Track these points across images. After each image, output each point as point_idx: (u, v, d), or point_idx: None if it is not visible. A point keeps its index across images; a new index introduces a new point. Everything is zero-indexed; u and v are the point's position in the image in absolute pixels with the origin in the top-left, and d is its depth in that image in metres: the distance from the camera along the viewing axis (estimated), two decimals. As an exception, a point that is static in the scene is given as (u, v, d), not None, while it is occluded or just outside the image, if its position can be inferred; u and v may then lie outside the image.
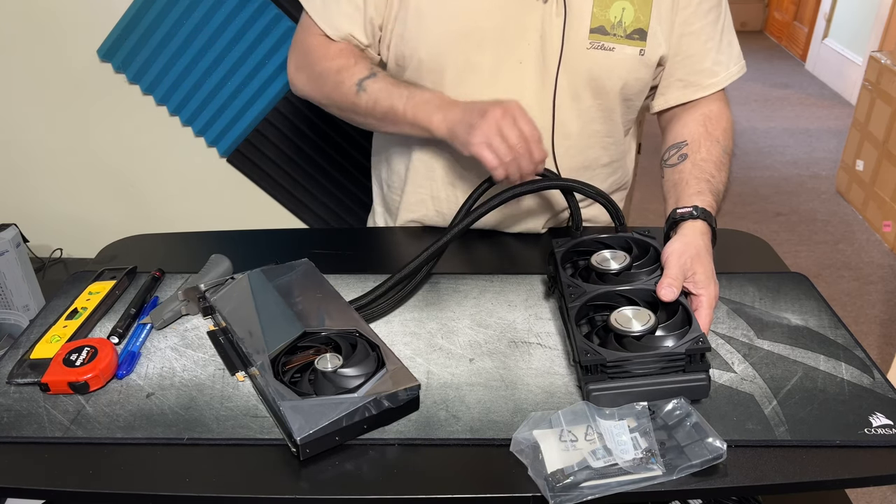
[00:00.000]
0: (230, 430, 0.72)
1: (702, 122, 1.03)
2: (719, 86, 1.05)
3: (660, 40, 1.00)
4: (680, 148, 1.02)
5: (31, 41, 1.58)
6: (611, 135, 1.08)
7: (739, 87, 4.53)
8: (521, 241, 1.13)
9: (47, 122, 1.68)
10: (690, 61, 1.03)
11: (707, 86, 1.05)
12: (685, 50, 1.02)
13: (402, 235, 1.15)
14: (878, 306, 2.46)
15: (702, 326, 0.78)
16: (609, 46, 0.97)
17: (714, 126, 1.03)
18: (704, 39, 1.02)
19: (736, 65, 1.06)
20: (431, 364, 0.82)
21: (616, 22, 0.97)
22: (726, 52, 1.05)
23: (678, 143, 1.03)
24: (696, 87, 1.05)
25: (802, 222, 2.99)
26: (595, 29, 0.97)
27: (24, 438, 0.71)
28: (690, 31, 1.01)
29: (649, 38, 0.99)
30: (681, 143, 1.02)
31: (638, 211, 2.66)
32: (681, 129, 1.05)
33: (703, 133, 1.02)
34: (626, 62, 0.99)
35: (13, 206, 1.78)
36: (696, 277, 0.83)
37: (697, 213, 0.90)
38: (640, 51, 0.99)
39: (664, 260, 0.84)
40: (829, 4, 4.50)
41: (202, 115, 1.66)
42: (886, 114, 2.84)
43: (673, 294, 0.79)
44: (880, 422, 0.72)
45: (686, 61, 1.03)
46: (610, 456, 0.66)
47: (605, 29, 0.97)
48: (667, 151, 1.05)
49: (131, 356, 0.82)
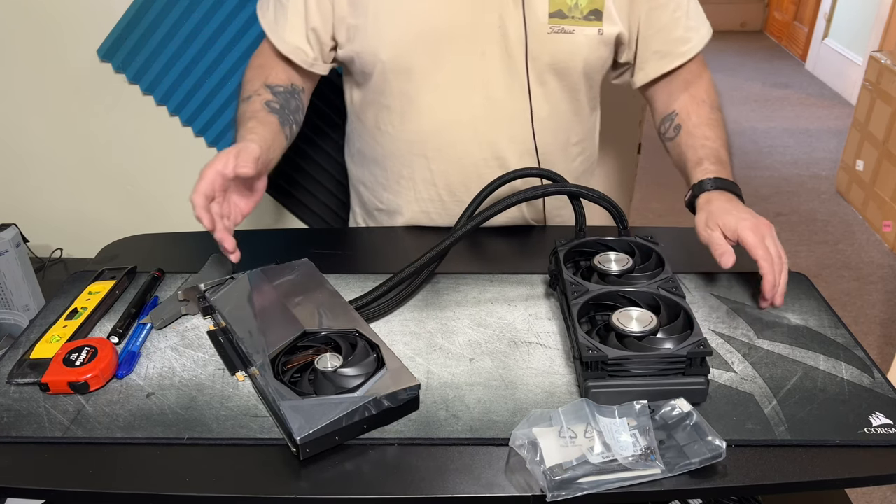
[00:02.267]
0: (230, 430, 0.72)
1: (684, 88, 1.08)
2: (695, 50, 1.08)
3: (615, 19, 1.03)
4: (672, 120, 1.06)
5: (31, 41, 1.58)
6: (577, 113, 1.12)
7: (739, 87, 4.54)
8: (521, 241, 1.13)
9: (47, 122, 1.68)
10: (663, 33, 1.06)
11: (683, 52, 1.07)
12: (655, 23, 1.05)
13: (403, 236, 1.15)
14: (878, 306, 2.46)
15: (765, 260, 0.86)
16: (569, 29, 1.01)
17: (696, 88, 1.08)
18: (673, 9, 1.05)
19: (704, 26, 1.09)
20: (431, 364, 0.82)
21: (573, 4, 1.00)
22: (695, 16, 1.08)
23: (669, 114, 1.08)
24: (673, 56, 1.07)
25: (802, 222, 2.99)
26: (554, 13, 1.00)
27: (24, 438, 0.71)
28: (658, 4, 1.04)
29: (605, 17, 1.02)
30: (672, 115, 1.07)
31: (638, 211, 2.67)
32: (667, 100, 1.09)
33: (689, 98, 1.07)
34: (587, 43, 1.02)
35: (13, 206, 1.78)
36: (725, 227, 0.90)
37: (696, 190, 0.96)
38: (598, 30, 1.02)
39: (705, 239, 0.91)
40: (829, 4, 4.50)
41: (202, 115, 1.66)
42: (886, 114, 2.84)
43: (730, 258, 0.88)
44: (880, 421, 0.72)
45: (659, 34, 1.06)
46: (609, 452, 0.66)
47: (563, 12, 1.00)
48: (661, 125, 1.09)
49: (131, 356, 0.82)
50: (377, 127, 1.11)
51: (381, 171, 1.15)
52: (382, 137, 1.11)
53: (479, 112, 1.06)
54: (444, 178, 1.11)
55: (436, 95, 1.05)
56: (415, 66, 1.02)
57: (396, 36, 1.01)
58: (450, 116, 1.06)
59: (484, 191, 0.96)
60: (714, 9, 5.45)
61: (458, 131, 1.07)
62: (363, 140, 1.16)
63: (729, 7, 5.69)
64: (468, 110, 1.06)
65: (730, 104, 4.28)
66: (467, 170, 1.10)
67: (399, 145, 1.10)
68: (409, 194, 1.14)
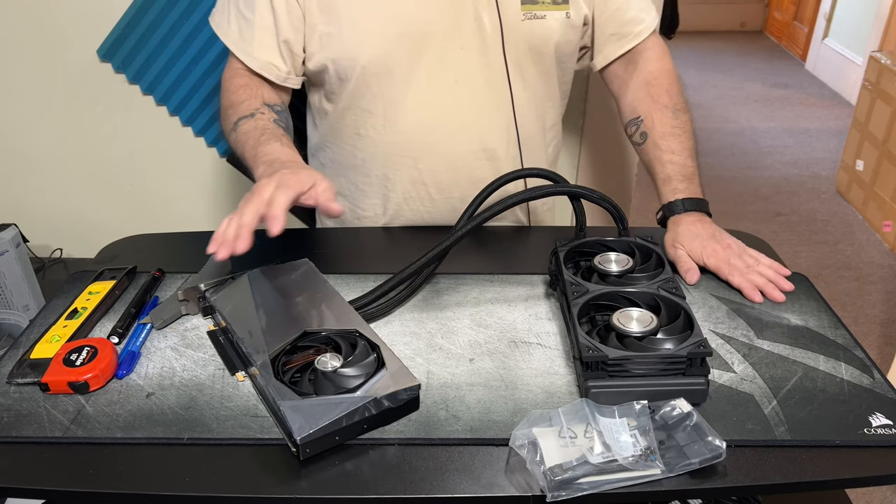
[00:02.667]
0: (230, 430, 0.72)
1: (646, 91, 1.11)
2: (649, 29, 1.12)
3: (580, 3, 1.07)
4: (638, 126, 1.10)
5: (31, 41, 1.58)
6: (551, 98, 1.15)
7: (739, 87, 4.54)
8: (521, 241, 1.13)
9: (47, 122, 1.68)
10: (617, 14, 1.10)
11: (638, 33, 1.12)
12: (610, 6, 1.10)
13: (403, 236, 1.15)
14: (878, 306, 2.46)
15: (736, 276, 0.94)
16: (541, 14, 1.04)
17: (657, 91, 1.10)
18: None
19: (653, 10, 1.14)
20: (431, 364, 0.82)
21: None
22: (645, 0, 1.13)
23: (634, 118, 1.11)
24: (628, 37, 1.12)
25: (802, 222, 2.99)
26: (525, 0, 1.03)
27: (24, 438, 0.71)
28: None
29: (571, 1, 1.06)
30: (637, 120, 1.10)
31: (638, 211, 2.66)
32: (630, 102, 1.12)
33: (651, 103, 1.09)
34: (557, 27, 1.06)
35: (13, 206, 1.78)
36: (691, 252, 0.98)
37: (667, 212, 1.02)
38: (566, 14, 1.06)
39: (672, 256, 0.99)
40: (829, 4, 4.50)
41: (202, 115, 1.66)
42: (886, 114, 2.84)
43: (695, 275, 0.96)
44: (880, 422, 0.72)
45: (613, 16, 1.10)
46: (609, 452, 0.66)
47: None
48: (628, 127, 1.13)
49: (131, 356, 0.82)
50: (357, 133, 1.10)
51: (363, 178, 1.14)
52: (363, 142, 1.11)
53: (464, 106, 1.07)
54: (432, 175, 1.11)
55: (419, 94, 1.05)
56: (395, 66, 1.03)
57: (375, 38, 1.01)
58: (435, 113, 1.07)
59: (484, 191, 0.96)
60: (714, 9, 5.44)
61: (444, 127, 1.08)
62: (338, 148, 1.15)
63: (729, 7, 5.70)
64: (453, 105, 1.06)
65: (730, 104, 4.29)
66: (456, 164, 1.10)
67: (383, 148, 1.10)
68: (395, 196, 1.14)
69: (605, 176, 1.74)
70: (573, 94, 1.62)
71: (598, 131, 1.67)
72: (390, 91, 1.05)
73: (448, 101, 1.06)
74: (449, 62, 1.04)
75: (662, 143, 1.06)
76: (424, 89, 1.05)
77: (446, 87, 1.05)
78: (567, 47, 1.10)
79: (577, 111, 1.65)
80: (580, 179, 1.75)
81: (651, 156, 1.08)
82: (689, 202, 1.01)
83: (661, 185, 1.05)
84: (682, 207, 1.01)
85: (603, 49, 1.13)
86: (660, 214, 1.05)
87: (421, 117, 1.07)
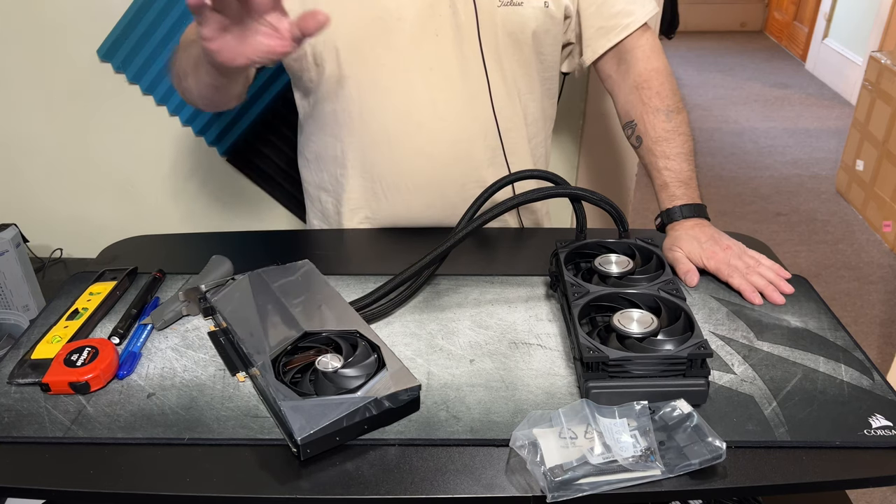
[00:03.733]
0: (231, 431, 0.72)
1: (637, 94, 1.09)
2: (638, 22, 1.09)
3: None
4: (633, 129, 1.09)
5: (31, 41, 1.58)
6: (531, 91, 1.13)
7: (739, 87, 4.54)
8: (521, 243, 1.13)
9: (47, 122, 1.68)
10: (604, 8, 1.08)
11: (626, 25, 1.09)
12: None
13: (404, 237, 1.15)
14: (878, 306, 2.46)
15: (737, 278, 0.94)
16: (517, 2, 1.02)
17: (648, 94, 1.08)
18: None
19: (650, 3, 1.10)
20: (432, 365, 0.82)
21: None
22: None
23: (629, 122, 1.10)
24: (616, 30, 1.09)
25: (802, 222, 2.99)
26: None
27: (24, 438, 0.71)
28: None
29: None
30: (632, 124, 1.10)
31: (638, 211, 2.66)
32: (623, 106, 1.12)
33: (642, 108, 1.08)
34: (535, 15, 1.04)
35: (13, 206, 1.78)
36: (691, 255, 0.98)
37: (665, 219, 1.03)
38: (544, 3, 1.04)
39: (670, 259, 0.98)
40: (829, 4, 4.50)
41: (202, 115, 1.66)
42: (886, 114, 2.84)
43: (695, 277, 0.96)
44: (880, 423, 0.72)
45: (600, 9, 1.08)
46: (609, 453, 0.66)
47: None
48: (625, 129, 1.12)
49: (132, 356, 0.82)
50: (335, 121, 1.10)
51: (341, 170, 1.14)
52: (341, 131, 1.10)
53: (439, 94, 1.06)
54: (409, 164, 1.10)
55: (393, 81, 1.05)
56: (369, 51, 1.03)
57: (350, 22, 1.01)
58: (410, 101, 1.06)
59: (484, 193, 0.96)
60: (714, 9, 5.45)
61: (419, 115, 1.07)
62: (320, 140, 1.15)
63: (729, 7, 5.70)
64: (427, 93, 1.06)
65: (730, 104, 4.29)
66: (433, 154, 1.09)
67: (361, 137, 1.09)
68: (375, 187, 1.13)
69: (604, 177, 1.74)
70: (573, 94, 1.63)
71: (597, 132, 1.67)
72: (365, 76, 1.04)
73: (422, 89, 1.05)
74: (423, 49, 1.03)
75: (657, 148, 1.05)
76: (399, 77, 1.04)
77: (420, 75, 1.05)
78: (546, 38, 1.08)
79: (577, 112, 1.65)
80: (579, 180, 1.75)
81: (647, 161, 1.08)
82: (687, 208, 1.01)
83: (658, 191, 1.05)
84: (680, 214, 1.01)
85: (591, 44, 1.11)
86: (658, 221, 1.05)
87: (395, 104, 1.06)
